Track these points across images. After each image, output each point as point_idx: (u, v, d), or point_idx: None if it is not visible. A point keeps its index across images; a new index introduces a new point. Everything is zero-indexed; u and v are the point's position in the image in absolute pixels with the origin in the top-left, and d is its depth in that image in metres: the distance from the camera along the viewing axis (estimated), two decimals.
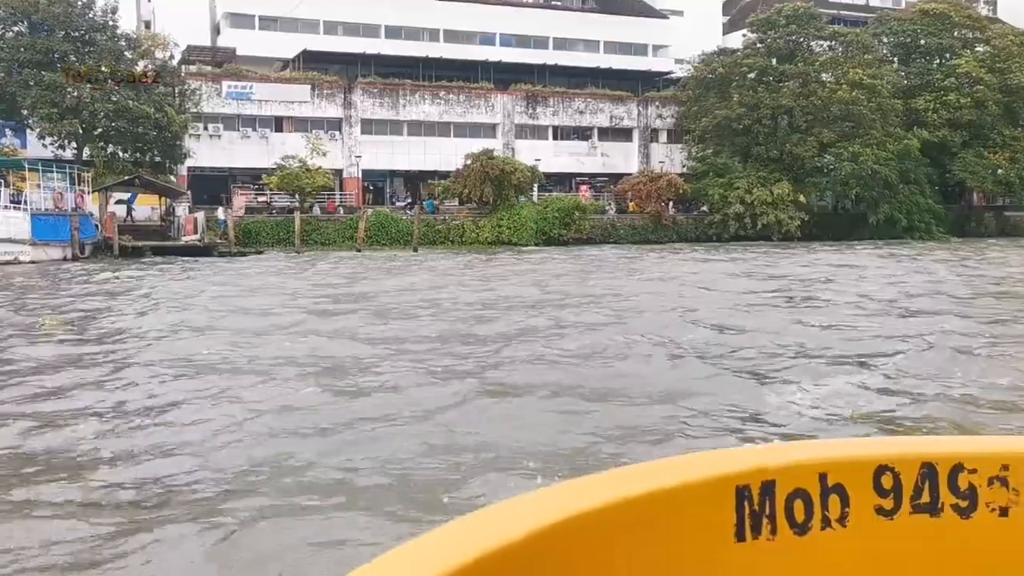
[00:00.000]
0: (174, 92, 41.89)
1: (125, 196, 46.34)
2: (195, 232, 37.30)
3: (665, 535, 1.23)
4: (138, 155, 40.71)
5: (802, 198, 52.81)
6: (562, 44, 65.69)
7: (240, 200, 49.22)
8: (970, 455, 1.44)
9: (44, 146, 41.50)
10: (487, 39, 63.54)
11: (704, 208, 55.56)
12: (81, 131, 39.51)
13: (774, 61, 56.67)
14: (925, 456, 1.43)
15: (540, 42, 65.02)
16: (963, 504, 1.42)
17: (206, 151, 50.06)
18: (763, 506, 1.32)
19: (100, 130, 40.70)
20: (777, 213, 52.13)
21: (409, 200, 54.33)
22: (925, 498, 1.41)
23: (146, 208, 42.99)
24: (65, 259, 30.90)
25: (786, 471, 1.34)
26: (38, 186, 34.67)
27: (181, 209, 42.58)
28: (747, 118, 54.65)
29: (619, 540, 1.17)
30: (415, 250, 40.78)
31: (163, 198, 41.24)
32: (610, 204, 55.58)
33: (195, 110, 45.38)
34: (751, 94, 55.32)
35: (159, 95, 39.61)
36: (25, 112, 39.11)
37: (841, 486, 1.37)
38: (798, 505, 1.35)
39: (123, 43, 40.45)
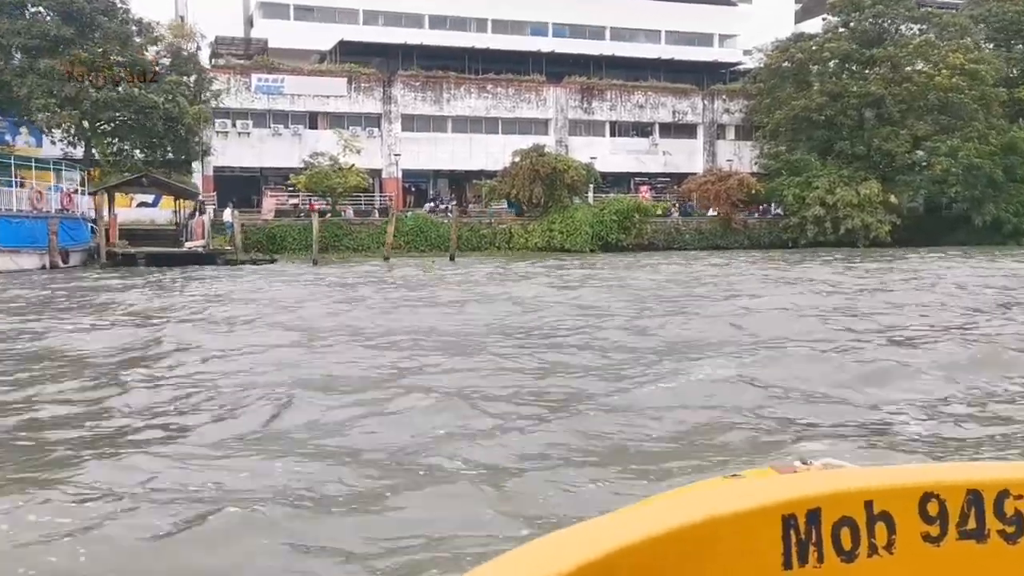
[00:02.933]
0: (188, 81, 37.76)
1: (149, 198, 42.86)
2: (203, 237, 33.16)
3: (714, 564, 1.24)
4: (148, 151, 36.73)
5: (893, 199, 46.88)
6: (620, 34, 61.31)
7: (270, 202, 45.24)
8: (1016, 481, 1.43)
9: (52, 143, 37.99)
10: (539, 29, 59.31)
11: (778, 211, 50.07)
12: (86, 125, 35.72)
13: (855, 47, 50.88)
14: (971, 482, 1.42)
15: (596, 32, 60.54)
16: (1010, 530, 1.41)
17: (234, 149, 46.47)
18: (809, 534, 1.32)
19: (112, 125, 36.99)
20: (864, 216, 46.35)
21: (453, 200, 49.80)
22: (971, 524, 1.41)
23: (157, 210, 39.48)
24: (44, 267, 26.69)
25: (832, 499, 1.34)
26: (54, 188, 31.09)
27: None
28: (829, 108, 48.93)
29: (670, 570, 1.19)
30: (452, 259, 36.02)
31: (178, 199, 37.24)
32: (674, 206, 50.31)
33: (215, 103, 41.35)
34: (834, 81, 49.60)
35: (170, 83, 35.54)
36: (26, 104, 35.36)
37: (887, 513, 1.37)
38: (844, 533, 1.35)
39: (133, 27, 36.50)
